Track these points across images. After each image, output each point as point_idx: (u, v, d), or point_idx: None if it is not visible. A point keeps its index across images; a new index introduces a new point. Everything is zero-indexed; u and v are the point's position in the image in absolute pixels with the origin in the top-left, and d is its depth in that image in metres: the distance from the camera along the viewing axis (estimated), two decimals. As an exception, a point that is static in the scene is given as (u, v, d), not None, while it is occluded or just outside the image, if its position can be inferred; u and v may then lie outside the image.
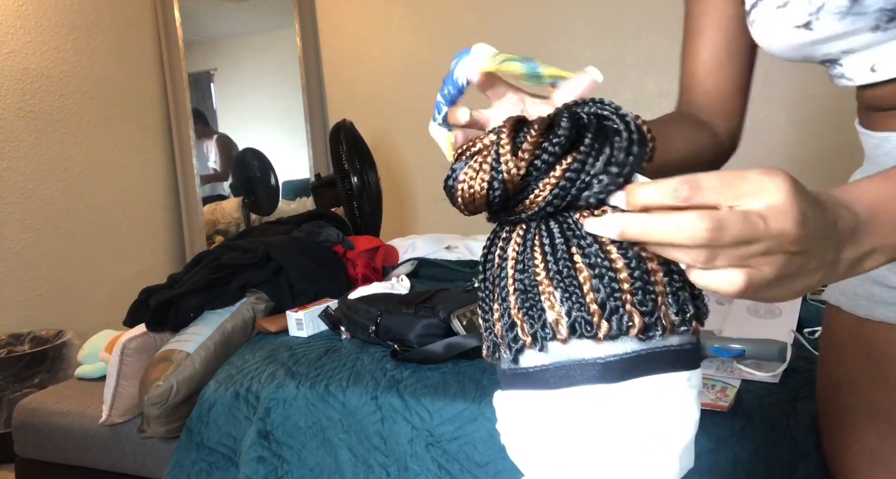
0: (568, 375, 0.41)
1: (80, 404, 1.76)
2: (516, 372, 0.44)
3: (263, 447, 1.37)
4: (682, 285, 0.42)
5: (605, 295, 0.40)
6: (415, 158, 3.41)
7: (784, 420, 1.07)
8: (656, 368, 0.41)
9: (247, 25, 3.55)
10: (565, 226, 0.42)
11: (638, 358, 0.41)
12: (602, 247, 0.41)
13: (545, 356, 0.42)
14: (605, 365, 0.41)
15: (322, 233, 2.10)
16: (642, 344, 0.41)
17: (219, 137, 3.26)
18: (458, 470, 1.22)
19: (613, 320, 0.40)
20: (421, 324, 1.45)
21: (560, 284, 0.41)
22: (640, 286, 0.40)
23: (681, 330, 0.41)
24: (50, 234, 2.46)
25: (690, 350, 0.43)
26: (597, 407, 0.41)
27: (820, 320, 1.42)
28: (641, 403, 0.41)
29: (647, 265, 0.41)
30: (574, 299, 0.40)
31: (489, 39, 2.41)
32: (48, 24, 2.47)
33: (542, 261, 0.42)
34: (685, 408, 0.43)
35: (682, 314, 0.41)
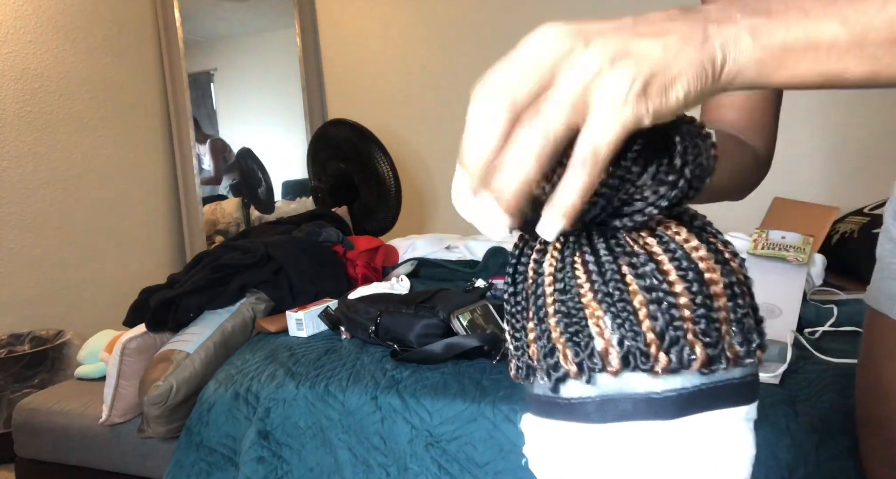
0: (617, 409, 0.37)
1: (80, 404, 1.76)
2: (555, 402, 0.39)
3: (263, 447, 1.37)
4: (747, 312, 0.37)
5: (663, 323, 0.35)
6: (415, 158, 3.41)
7: (784, 421, 1.07)
8: (716, 403, 0.37)
9: (247, 25, 3.55)
10: (613, 241, 0.37)
11: (698, 393, 0.36)
12: (659, 266, 0.36)
13: (591, 388, 0.37)
14: (661, 400, 0.36)
15: (322, 233, 2.10)
16: (703, 378, 0.36)
17: (212, 141, 3.25)
18: (458, 470, 1.22)
19: (673, 353, 0.35)
20: (421, 324, 1.45)
21: (611, 308, 0.36)
22: (704, 314, 0.35)
23: (746, 362, 0.37)
24: (50, 234, 2.46)
25: (752, 382, 0.39)
26: (645, 445, 0.37)
27: (820, 320, 1.42)
28: (696, 441, 0.37)
29: (711, 289, 0.36)
30: (628, 327, 0.35)
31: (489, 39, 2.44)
32: (48, 24, 2.47)
33: (588, 281, 0.37)
34: (743, 445, 0.38)
35: (748, 345, 0.37)
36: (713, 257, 0.37)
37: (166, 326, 1.70)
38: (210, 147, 3.21)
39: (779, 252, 1.59)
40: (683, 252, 0.37)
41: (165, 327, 1.70)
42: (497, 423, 1.20)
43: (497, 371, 1.32)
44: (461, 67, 3.22)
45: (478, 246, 2.30)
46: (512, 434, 1.19)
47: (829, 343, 1.31)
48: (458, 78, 3.23)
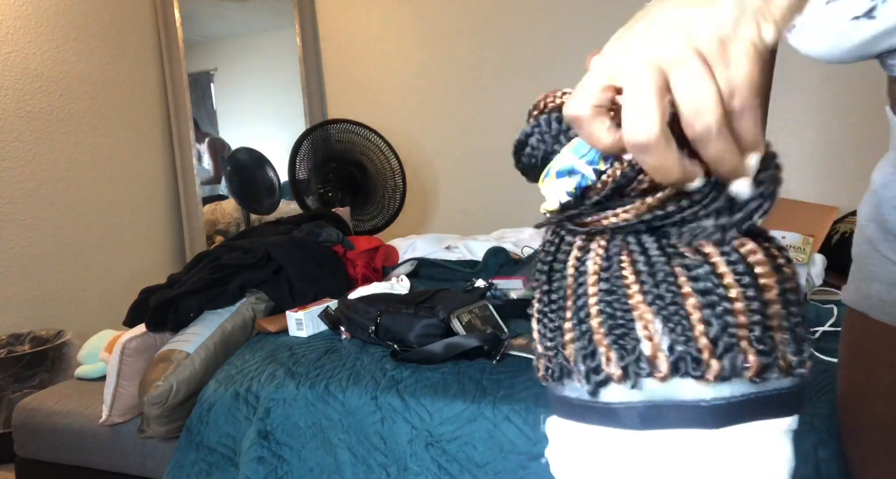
0: (660, 416, 0.35)
1: (80, 404, 1.76)
2: (593, 406, 0.37)
3: (263, 447, 1.37)
4: (799, 320, 0.36)
5: (718, 329, 0.34)
6: (415, 158, 3.41)
7: (784, 420, 1.07)
8: (763, 413, 0.36)
9: (247, 25, 3.55)
10: (664, 241, 0.36)
11: (746, 402, 0.35)
12: (715, 269, 0.34)
13: (635, 393, 0.35)
14: (709, 409, 0.35)
15: (322, 233, 2.10)
16: (753, 387, 0.35)
17: (210, 140, 3.25)
18: (458, 470, 1.22)
19: (726, 360, 0.34)
20: (421, 324, 1.45)
21: (662, 311, 0.34)
22: (759, 320, 0.34)
23: (797, 372, 0.36)
24: (50, 234, 2.46)
25: (798, 393, 0.37)
26: (686, 455, 0.35)
27: (820, 320, 1.42)
28: (737, 452, 0.35)
29: (766, 295, 0.34)
30: (679, 332, 0.34)
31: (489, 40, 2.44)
32: (48, 24, 2.47)
33: (637, 281, 0.35)
34: (783, 455, 0.37)
35: (801, 354, 0.36)
36: (769, 262, 0.36)
37: (166, 326, 1.70)
38: (208, 146, 3.21)
39: (779, 252, 1.59)
40: (739, 255, 0.35)
41: (165, 327, 1.70)
42: (497, 423, 1.20)
43: (497, 371, 1.32)
44: (461, 67, 3.22)
45: (478, 246, 2.30)
46: (512, 434, 1.19)
47: (829, 343, 1.31)
48: (457, 78, 3.23)
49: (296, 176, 2.77)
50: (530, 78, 3.06)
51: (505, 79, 3.12)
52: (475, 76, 3.19)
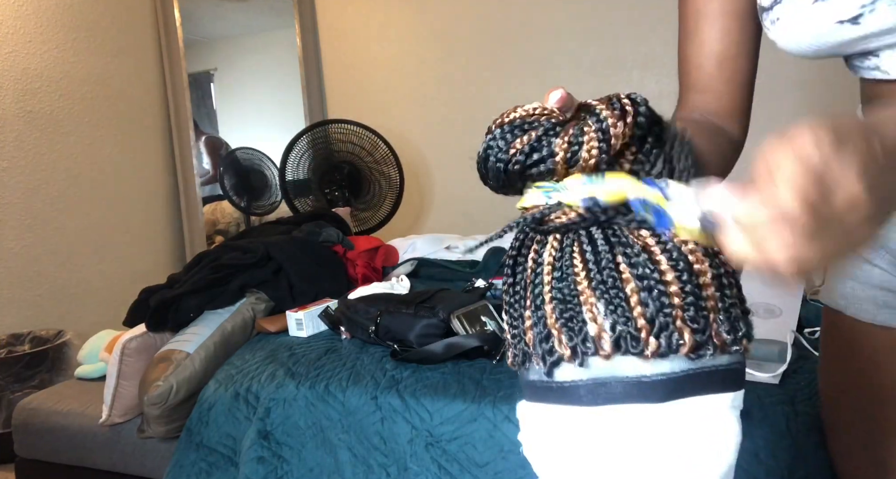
0: (608, 392, 0.38)
1: (80, 404, 1.76)
2: (548, 385, 0.40)
3: (263, 447, 1.37)
4: (734, 302, 0.40)
5: (654, 310, 0.37)
6: (415, 158, 3.41)
7: (784, 421, 1.07)
8: (703, 388, 0.39)
9: (247, 25, 3.55)
10: (609, 232, 0.39)
11: (686, 378, 0.38)
12: (651, 257, 0.38)
13: (583, 371, 0.39)
14: (651, 384, 0.38)
15: (322, 233, 2.10)
16: (691, 363, 0.38)
17: (207, 139, 3.24)
18: (458, 470, 1.22)
19: (663, 338, 0.37)
20: (421, 324, 1.45)
21: (604, 295, 0.38)
22: (692, 302, 0.37)
23: (732, 349, 0.39)
24: (50, 234, 2.46)
25: (738, 370, 0.41)
26: (634, 428, 0.38)
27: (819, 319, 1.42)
28: (684, 425, 0.38)
29: (700, 279, 0.38)
30: (620, 313, 0.37)
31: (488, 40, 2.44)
32: (48, 24, 2.47)
33: (584, 268, 0.39)
34: (728, 431, 0.40)
35: (735, 333, 0.39)
36: (702, 249, 0.39)
37: (166, 326, 1.70)
38: (206, 144, 3.21)
39: (779, 252, 1.59)
40: (674, 244, 0.38)
41: (165, 327, 1.70)
42: (497, 423, 1.20)
43: (497, 371, 1.32)
44: (461, 68, 3.22)
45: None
46: (512, 434, 1.19)
47: (828, 343, 1.31)
48: (457, 78, 3.23)
49: (286, 177, 2.77)
50: (531, 78, 3.06)
51: (505, 78, 3.12)
52: (475, 76, 3.19)
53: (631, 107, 0.39)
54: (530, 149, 0.40)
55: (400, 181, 2.91)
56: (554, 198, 0.41)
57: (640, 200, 0.39)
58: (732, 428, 0.41)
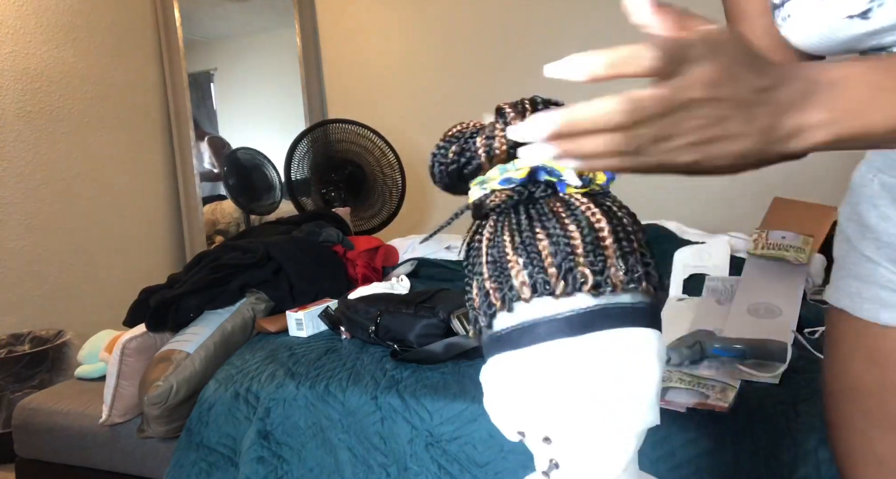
0: (533, 332, 0.47)
1: (80, 404, 1.76)
2: (492, 338, 0.49)
3: (263, 447, 1.37)
4: (630, 250, 0.48)
5: (560, 259, 0.46)
6: (415, 158, 3.41)
7: (784, 421, 1.07)
8: (612, 322, 0.46)
9: (247, 25, 3.55)
10: (532, 210, 0.49)
11: (593, 313, 0.46)
12: (560, 220, 0.47)
13: (513, 317, 0.47)
14: (565, 320, 0.46)
15: (322, 233, 2.10)
16: (595, 300, 0.46)
17: (210, 138, 3.25)
18: (458, 470, 1.22)
19: (569, 279, 0.46)
20: (421, 324, 1.45)
21: (523, 252, 0.47)
22: (591, 249, 0.46)
23: (629, 287, 0.47)
24: (50, 234, 2.46)
25: (643, 309, 0.48)
26: (560, 361, 0.46)
27: (821, 320, 1.42)
28: (602, 355, 0.46)
29: (599, 233, 0.47)
30: (535, 264, 0.46)
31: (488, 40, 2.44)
32: (48, 24, 2.47)
33: (510, 236, 0.48)
34: (645, 363, 0.47)
35: (631, 274, 0.47)
36: (605, 214, 0.48)
37: (166, 326, 1.70)
38: (209, 144, 3.21)
39: (779, 252, 1.59)
40: (580, 211, 0.48)
41: (165, 327, 1.70)
42: (497, 423, 1.20)
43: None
44: (461, 67, 3.22)
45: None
46: (512, 434, 1.19)
47: (829, 343, 1.31)
48: (457, 78, 3.23)
49: (291, 176, 2.77)
50: (531, 77, 3.05)
51: (505, 78, 3.12)
52: (475, 76, 3.19)
53: (530, 104, 0.50)
54: (461, 150, 0.52)
55: (402, 186, 2.91)
56: (487, 187, 0.51)
57: (543, 168, 0.49)
58: (650, 361, 0.47)
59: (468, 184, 0.53)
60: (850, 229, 0.71)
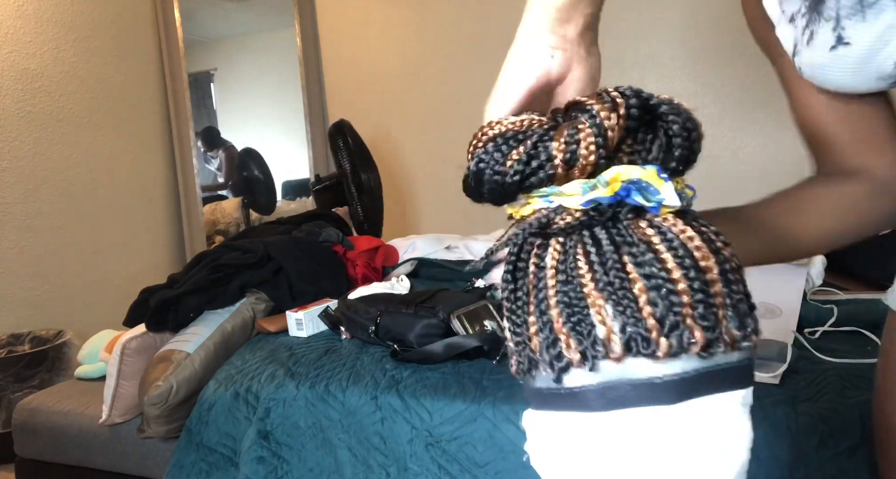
0: (619, 396, 0.38)
1: (80, 404, 1.76)
2: (556, 392, 0.40)
3: (263, 447, 1.37)
4: (741, 298, 0.39)
5: (663, 309, 0.36)
6: (415, 158, 3.41)
7: (784, 421, 1.07)
8: (716, 387, 0.38)
9: (247, 25, 3.55)
10: (614, 232, 0.39)
11: (698, 377, 0.37)
12: (657, 255, 0.38)
13: (593, 376, 0.38)
14: (663, 385, 0.37)
15: (322, 233, 2.10)
16: (703, 362, 0.37)
17: (227, 148, 3.26)
18: (458, 470, 1.22)
19: (674, 337, 0.36)
20: (421, 324, 1.45)
21: (612, 296, 0.37)
22: (701, 299, 0.37)
23: (743, 346, 0.38)
24: (50, 234, 2.46)
25: (747, 367, 0.40)
26: (647, 432, 0.38)
27: (821, 320, 1.42)
28: (697, 426, 0.38)
29: (707, 276, 0.38)
30: (629, 314, 0.37)
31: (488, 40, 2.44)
32: (48, 24, 2.47)
33: (589, 270, 0.38)
34: (741, 428, 0.39)
35: (744, 329, 0.38)
36: (707, 245, 0.39)
37: (166, 326, 1.70)
38: (225, 154, 3.22)
39: (779, 252, 1.59)
40: (679, 242, 0.38)
41: (165, 327, 1.70)
42: (497, 423, 1.20)
43: (497, 371, 1.32)
44: (461, 68, 3.22)
45: (478, 246, 2.30)
46: (512, 435, 1.19)
47: (829, 343, 1.31)
48: (458, 78, 3.23)
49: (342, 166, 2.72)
50: (530, 78, 3.06)
51: (505, 79, 3.12)
52: (475, 76, 3.19)
53: (621, 99, 0.39)
54: (528, 157, 0.40)
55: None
56: (555, 202, 0.41)
57: (637, 185, 0.39)
58: (745, 426, 0.40)
59: (522, 195, 0.43)
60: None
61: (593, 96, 0.40)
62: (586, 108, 0.40)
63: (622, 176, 0.39)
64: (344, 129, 2.76)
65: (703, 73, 2.85)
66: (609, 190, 0.39)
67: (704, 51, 2.82)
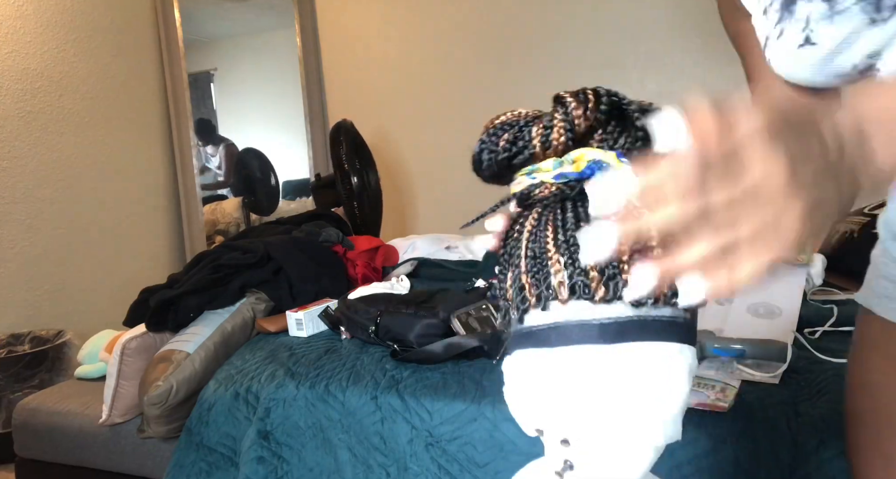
0: (565, 334, 0.45)
1: (80, 404, 1.76)
2: (520, 332, 0.48)
3: (263, 447, 1.37)
4: None
5: (604, 263, 0.44)
6: (415, 158, 3.41)
7: (784, 421, 1.07)
8: (648, 335, 0.45)
9: (247, 25, 3.55)
10: (581, 208, 0.47)
11: (631, 323, 0.44)
12: (607, 222, 0.44)
13: (547, 316, 0.46)
14: (601, 326, 0.44)
15: (322, 233, 2.10)
16: (636, 311, 0.45)
17: (227, 145, 3.26)
18: (458, 470, 1.22)
19: (610, 285, 0.44)
20: (421, 324, 1.45)
21: (566, 251, 0.45)
22: (637, 259, 0.43)
23: (672, 302, 0.45)
24: (50, 234, 2.46)
25: (682, 324, 0.46)
26: (591, 366, 0.45)
27: (821, 320, 1.42)
28: (633, 366, 0.45)
29: (647, 242, 0.44)
30: (576, 265, 0.44)
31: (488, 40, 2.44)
32: (48, 24, 2.47)
33: (553, 232, 0.46)
34: (675, 379, 0.46)
35: (673, 287, 0.44)
36: None
37: (166, 326, 1.70)
38: (225, 152, 3.22)
39: (779, 252, 1.59)
40: None
41: (165, 327, 1.70)
42: (497, 423, 1.20)
43: (497, 371, 1.32)
44: (461, 67, 3.22)
45: (478, 246, 2.30)
46: (512, 435, 1.19)
47: (829, 343, 1.31)
48: (458, 78, 3.23)
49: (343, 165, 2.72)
50: (531, 77, 3.06)
51: (505, 78, 3.12)
52: (475, 76, 3.19)
53: (593, 97, 0.47)
54: (514, 139, 0.49)
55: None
56: (537, 177, 0.49)
57: (596, 162, 0.47)
58: (680, 377, 0.46)
59: (514, 174, 0.51)
60: (884, 232, 0.73)
61: (571, 92, 0.48)
62: (564, 102, 0.48)
63: (586, 156, 0.47)
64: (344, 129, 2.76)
65: (703, 73, 2.85)
66: (575, 167, 0.47)
67: (704, 51, 2.82)
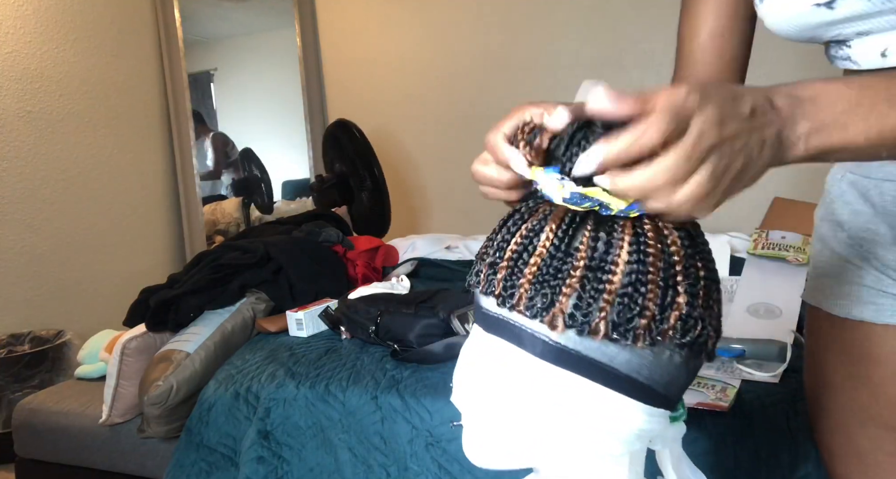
0: (478, 316, 0.53)
1: (80, 404, 1.76)
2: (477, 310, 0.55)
3: (263, 447, 1.37)
4: (635, 307, 0.46)
5: (499, 261, 0.49)
6: (415, 158, 3.41)
7: (784, 421, 1.07)
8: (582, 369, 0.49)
9: (247, 25, 3.55)
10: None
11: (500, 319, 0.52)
12: (540, 226, 0.49)
13: (490, 301, 0.51)
14: (490, 316, 0.51)
15: (322, 233, 2.10)
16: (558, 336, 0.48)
17: (215, 135, 3.26)
18: (458, 470, 1.22)
19: (503, 286, 0.48)
20: (421, 324, 1.45)
21: (494, 246, 0.51)
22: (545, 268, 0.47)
23: (614, 337, 0.47)
24: (50, 234, 2.46)
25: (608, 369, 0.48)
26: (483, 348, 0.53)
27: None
28: (497, 349, 0.52)
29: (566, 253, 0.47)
30: (490, 262, 0.51)
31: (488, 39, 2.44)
32: (48, 24, 2.47)
33: (501, 229, 0.52)
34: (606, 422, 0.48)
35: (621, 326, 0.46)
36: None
37: (166, 326, 1.70)
38: (212, 142, 3.22)
39: (779, 252, 1.59)
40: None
41: (165, 327, 1.70)
42: (497, 423, 1.20)
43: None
44: (461, 67, 3.22)
45: (478, 246, 2.30)
46: (512, 434, 1.18)
47: (829, 343, 1.31)
48: (457, 78, 3.23)
49: (334, 169, 2.73)
50: (531, 77, 3.06)
51: (505, 78, 3.12)
52: (475, 75, 3.19)
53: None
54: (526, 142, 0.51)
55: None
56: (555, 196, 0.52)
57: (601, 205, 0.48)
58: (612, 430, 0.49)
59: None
60: (824, 229, 0.74)
61: None
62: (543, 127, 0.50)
63: (534, 171, 0.50)
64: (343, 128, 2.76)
65: (703, 73, 2.84)
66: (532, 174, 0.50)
67: (704, 51, 2.81)
